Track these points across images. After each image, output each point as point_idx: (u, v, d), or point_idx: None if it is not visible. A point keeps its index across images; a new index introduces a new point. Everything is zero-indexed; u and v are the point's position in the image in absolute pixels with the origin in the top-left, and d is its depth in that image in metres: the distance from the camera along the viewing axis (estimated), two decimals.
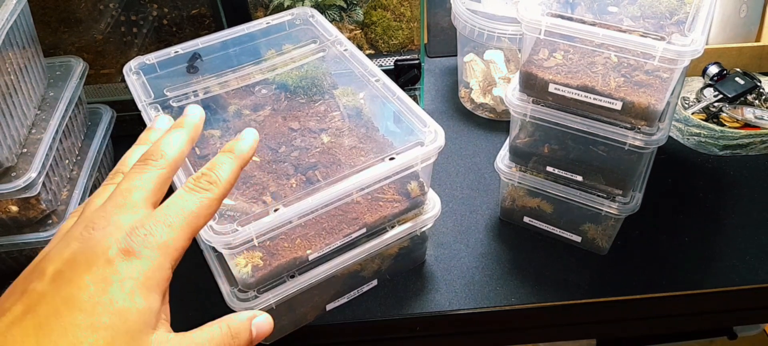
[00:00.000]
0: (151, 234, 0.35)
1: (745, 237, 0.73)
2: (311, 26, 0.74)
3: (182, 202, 0.37)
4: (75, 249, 0.35)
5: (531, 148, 0.68)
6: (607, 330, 0.82)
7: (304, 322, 0.66)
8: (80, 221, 0.37)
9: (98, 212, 0.37)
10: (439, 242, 0.74)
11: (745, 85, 0.87)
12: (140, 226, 0.35)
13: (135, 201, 0.37)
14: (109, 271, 0.33)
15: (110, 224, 0.35)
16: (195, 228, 0.37)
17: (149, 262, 0.35)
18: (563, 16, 0.59)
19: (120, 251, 0.34)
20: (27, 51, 0.72)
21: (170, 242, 0.36)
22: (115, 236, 0.35)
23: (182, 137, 0.41)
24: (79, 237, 0.35)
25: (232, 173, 0.40)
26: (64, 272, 0.34)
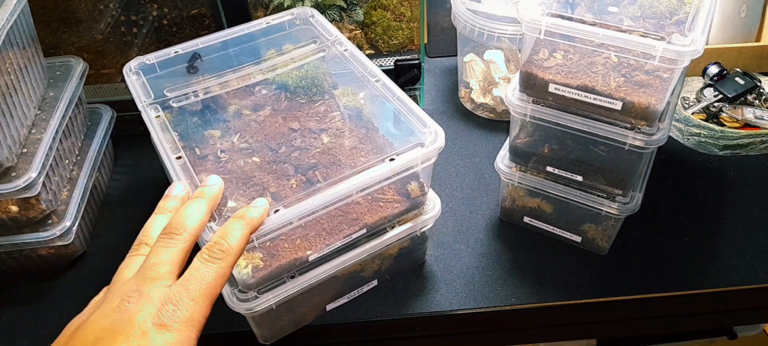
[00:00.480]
0: (179, 309, 0.40)
1: (745, 237, 0.73)
2: (311, 26, 0.74)
3: (200, 274, 0.43)
4: (114, 320, 0.39)
5: (531, 148, 0.68)
6: (607, 330, 0.82)
7: (304, 322, 0.66)
8: (115, 294, 0.41)
9: (130, 285, 0.42)
10: (439, 242, 0.74)
11: (745, 85, 0.87)
12: (169, 301, 0.40)
13: (163, 274, 0.42)
14: (145, 342, 0.38)
15: (143, 297, 0.40)
16: (214, 296, 0.43)
17: (179, 334, 0.40)
18: (563, 16, 0.59)
19: (154, 325, 0.39)
20: (27, 51, 0.72)
21: (195, 315, 0.41)
22: (149, 309, 0.40)
23: (202, 209, 0.47)
24: (116, 309, 0.40)
25: (242, 239, 0.46)
26: (105, 339, 0.38)
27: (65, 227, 0.70)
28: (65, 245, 0.71)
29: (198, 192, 0.49)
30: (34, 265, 0.73)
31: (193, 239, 0.45)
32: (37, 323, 0.68)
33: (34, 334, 0.67)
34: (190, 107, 0.65)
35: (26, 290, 0.72)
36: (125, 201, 0.84)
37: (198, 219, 0.46)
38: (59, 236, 0.69)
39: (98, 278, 0.71)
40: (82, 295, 0.70)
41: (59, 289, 0.72)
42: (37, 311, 0.70)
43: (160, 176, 0.82)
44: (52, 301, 0.71)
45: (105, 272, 0.72)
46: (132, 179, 0.87)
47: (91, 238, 0.78)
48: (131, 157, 0.90)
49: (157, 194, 0.51)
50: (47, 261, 0.73)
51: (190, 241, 0.45)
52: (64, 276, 0.74)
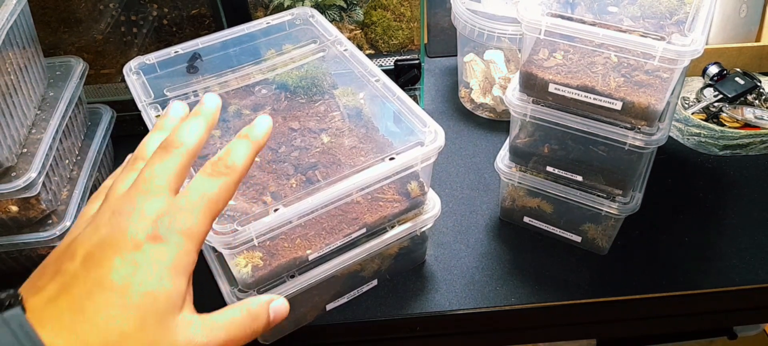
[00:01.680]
0: (176, 220, 0.37)
1: (745, 237, 0.73)
2: (311, 26, 0.74)
3: (202, 187, 0.39)
4: (104, 234, 0.36)
5: (531, 148, 0.68)
6: (607, 330, 0.82)
7: (304, 322, 0.66)
8: (106, 207, 0.38)
9: (124, 198, 0.38)
10: (439, 242, 0.74)
11: (745, 85, 0.87)
12: (165, 213, 0.37)
13: (158, 187, 0.39)
14: (138, 255, 0.35)
15: (136, 210, 0.37)
16: (215, 212, 0.39)
17: (176, 247, 0.36)
18: (563, 16, 0.59)
19: (148, 237, 0.36)
20: (27, 51, 0.72)
21: (194, 227, 0.38)
22: (143, 222, 0.36)
23: (200, 125, 0.43)
24: (107, 223, 0.37)
25: (247, 158, 0.42)
26: (95, 254, 0.35)
27: (65, 227, 0.70)
28: None
29: (195, 110, 0.45)
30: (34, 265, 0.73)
31: (192, 155, 0.42)
32: None
33: None
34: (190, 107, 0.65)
35: None
36: None
37: (197, 136, 0.43)
38: (59, 236, 0.69)
39: None
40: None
41: None
42: None
43: None
44: None
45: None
46: None
47: None
48: None
49: None
50: None
51: (188, 157, 0.41)
52: None
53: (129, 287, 0.34)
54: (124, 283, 0.34)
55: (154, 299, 0.35)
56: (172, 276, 0.36)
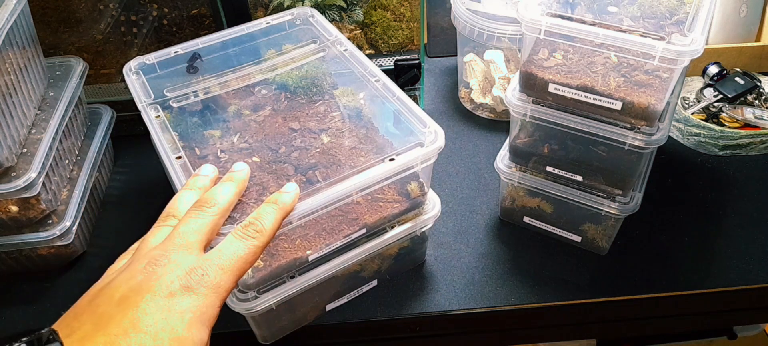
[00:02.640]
0: (207, 275, 0.41)
1: (745, 237, 0.73)
2: (311, 26, 0.74)
3: (233, 248, 0.43)
4: (140, 280, 0.39)
5: (531, 148, 0.68)
6: (607, 330, 0.82)
7: (304, 322, 0.66)
8: (141, 257, 0.42)
9: (159, 249, 0.42)
10: (439, 242, 0.74)
11: (745, 85, 0.87)
12: (198, 266, 0.41)
13: (192, 243, 0.43)
14: (171, 303, 0.38)
15: (170, 262, 0.41)
16: (242, 271, 0.43)
17: (204, 299, 0.40)
18: (563, 16, 0.59)
19: (181, 287, 0.39)
20: (27, 51, 0.72)
21: (222, 283, 0.41)
22: (176, 272, 0.40)
23: (231, 189, 0.49)
24: (142, 270, 0.40)
25: (275, 223, 0.47)
26: (130, 297, 0.38)
27: (65, 227, 0.70)
28: (65, 245, 0.71)
29: (228, 176, 0.51)
30: (34, 265, 0.73)
31: (223, 216, 0.46)
32: (37, 323, 0.68)
33: None
34: (190, 107, 0.65)
35: (26, 290, 0.72)
36: (125, 201, 0.84)
37: (228, 198, 0.48)
38: (59, 236, 0.69)
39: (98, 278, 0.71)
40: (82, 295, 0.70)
41: (59, 289, 0.72)
42: (37, 311, 0.70)
43: (160, 176, 0.82)
44: (52, 301, 0.71)
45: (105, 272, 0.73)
46: (132, 178, 0.87)
47: (91, 238, 0.78)
48: (131, 157, 0.90)
49: (157, 194, 0.51)
50: (47, 261, 0.73)
51: (220, 216, 0.46)
52: (64, 276, 0.74)
53: (161, 332, 0.37)
54: (157, 327, 0.37)
55: (183, 345, 0.38)
56: (199, 326, 0.39)
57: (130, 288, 0.39)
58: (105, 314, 0.38)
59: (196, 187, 0.50)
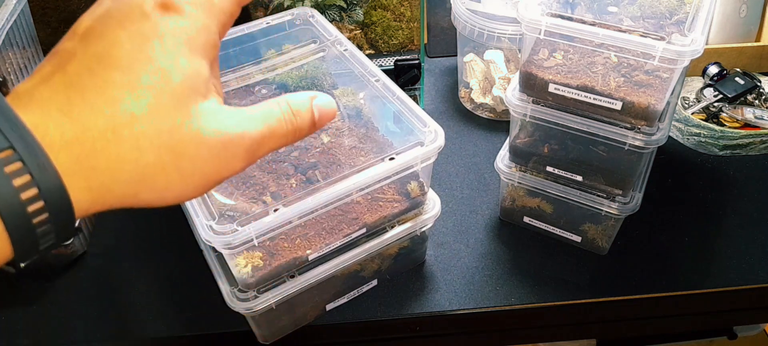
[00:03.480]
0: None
1: (745, 237, 0.73)
2: (311, 26, 0.74)
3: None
4: (108, 6, 0.30)
5: (531, 148, 0.68)
6: (607, 330, 0.82)
7: (304, 322, 0.66)
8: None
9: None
10: (439, 242, 0.74)
11: (745, 85, 0.87)
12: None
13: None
14: (146, 26, 0.29)
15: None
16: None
17: (191, 20, 0.30)
18: (563, 16, 0.59)
19: (157, 4, 0.29)
20: (27, 51, 0.72)
21: (215, 2, 0.31)
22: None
23: None
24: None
25: None
26: (95, 27, 0.29)
27: None
28: (65, 245, 0.71)
29: None
30: (34, 265, 0.73)
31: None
32: (37, 323, 0.68)
33: (34, 334, 0.67)
34: None
35: (26, 290, 0.72)
36: None
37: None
38: None
39: (98, 278, 0.71)
40: (82, 295, 0.70)
41: (59, 289, 0.72)
42: (37, 311, 0.70)
43: None
44: (52, 301, 0.71)
45: (105, 272, 0.73)
46: None
47: (91, 238, 0.78)
48: None
49: None
50: (47, 261, 0.73)
51: None
52: (64, 276, 0.74)
53: (136, 63, 0.28)
54: (131, 58, 0.28)
55: (168, 78, 0.29)
56: (188, 54, 0.30)
57: (95, 17, 0.30)
58: (66, 52, 0.29)
59: None
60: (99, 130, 0.27)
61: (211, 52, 0.31)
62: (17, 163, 0.24)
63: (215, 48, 0.31)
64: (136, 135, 0.28)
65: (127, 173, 0.28)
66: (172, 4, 0.30)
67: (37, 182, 0.25)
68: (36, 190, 0.25)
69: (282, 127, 0.32)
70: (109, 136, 0.27)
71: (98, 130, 0.27)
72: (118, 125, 0.27)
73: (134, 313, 0.69)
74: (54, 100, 0.27)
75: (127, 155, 0.27)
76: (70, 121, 0.27)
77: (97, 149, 0.27)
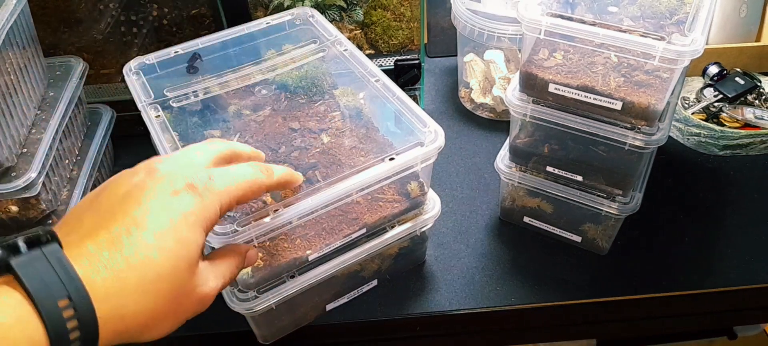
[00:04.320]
0: (213, 180, 0.40)
1: (745, 237, 0.73)
2: (311, 26, 0.74)
3: (242, 169, 0.43)
4: (144, 178, 0.38)
5: (531, 148, 0.68)
6: (607, 330, 0.82)
7: (304, 322, 0.66)
8: (146, 161, 0.41)
9: (166, 156, 0.42)
10: (439, 242, 0.74)
11: (745, 85, 0.87)
12: (204, 170, 0.40)
13: (207, 153, 0.43)
14: (175, 201, 0.37)
15: (176, 164, 0.40)
16: (244, 194, 0.42)
17: (207, 201, 0.39)
18: (563, 16, 0.59)
19: (186, 186, 0.38)
20: (27, 51, 0.72)
21: (226, 192, 0.40)
22: (181, 172, 0.39)
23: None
24: (145, 168, 0.39)
25: (283, 176, 0.47)
26: (134, 194, 0.37)
27: None
28: None
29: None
30: None
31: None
32: None
33: None
34: (190, 107, 0.65)
35: None
36: None
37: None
38: None
39: None
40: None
41: None
42: None
43: None
44: None
45: None
46: None
47: None
48: (131, 157, 0.90)
49: None
50: None
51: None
52: None
53: (164, 230, 0.36)
54: (161, 225, 0.36)
55: (187, 247, 0.37)
56: (200, 228, 0.38)
57: (133, 185, 0.38)
58: (107, 211, 0.36)
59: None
60: (133, 286, 0.34)
61: (211, 227, 0.40)
62: (71, 309, 0.32)
63: (214, 224, 0.40)
64: (158, 291, 0.35)
65: (143, 320, 0.35)
66: (196, 188, 0.38)
67: (81, 325, 0.32)
68: (79, 332, 0.32)
69: (232, 278, 0.44)
70: (139, 292, 0.34)
71: (133, 286, 0.34)
72: (147, 283, 0.35)
73: None
74: (100, 256, 0.34)
75: (149, 306, 0.35)
76: (112, 275, 0.34)
77: (129, 302, 0.34)
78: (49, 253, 0.33)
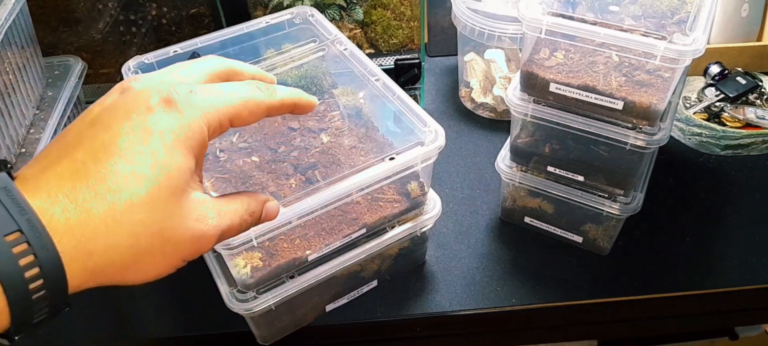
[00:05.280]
0: (196, 94, 0.34)
1: (746, 237, 0.73)
2: (311, 25, 0.74)
3: (235, 86, 0.37)
4: (115, 99, 0.33)
5: (532, 148, 0.68)
6: (609, 331, 0.81)
7: (303, 323, 0.66)
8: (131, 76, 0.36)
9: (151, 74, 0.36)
10: (439, 242, 0.74)
11: (746, 85, 0.87)
12: (184, 86, 0.34)
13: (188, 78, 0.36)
14: (150, 120, 0.32)
15: (154, 80, 0.35)
16: (237, 111, 0.36)
17: (189, 118, 0.33)
18: (564, 15, 0.59)
19: (161, 100, 0.33)
20: (26, 50, 0.72)
21: (212, 108, 0.34)
22: (158, 87, 0.33)
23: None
24: (119, 89, 0.34)
25: (286, 96, 0.39)
26: (103, 117, 0.32)
27: None
28: None
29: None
30: None
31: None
32: None
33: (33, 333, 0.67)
34: None
35: None
36: None
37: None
38: None
39: None
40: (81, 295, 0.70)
41: None
42: None
43: None
44: None
45: None
46: None
47: None
48: None
49: None
50: None
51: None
52: None
53: (139, 155, 0.31)
54: (134, 149, 0.31)
55: (167, 171, 0.32)
56: (183, 150, 0.33)
57: (103, 108, 0.33)
58: (73, 140, 0.32)
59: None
60: (100, 216, 0.30)
61: (200, 150, 0.34)
62: (24, 244, 0.27)
63: (203, 147, 0.34)
64: (133, 222, 0.31)
65: (121, 257, 0.31)
66: (175, 103, 0.33)
67: (39, 262, 0.28)
68: (37, 269, 0.28)
69: (239, 225, 0.37)
70: (109, 223, 0.30)
71: (99, 217, 0.30)
72: (118, 212, 0.30)
73: (134, 313, 0.68)
74: (61, 186, 0.30)
75: (123, 241, 0.30)
76: (74, 206, 0.29)
77: (98, 235, 0.30)
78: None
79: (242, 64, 0.41)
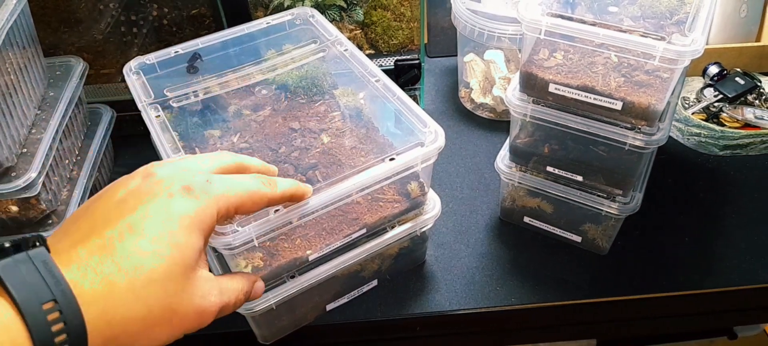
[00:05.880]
0: (211, 183, 0.39)
1: (745, 237, 0.73)
2: (311, 26, 0.74)
3: (243, 179, 0.42)
4: (139, 184, 0.38)
5: (531, 148, 0.68)
6: (608, 330, 0.81)
7: (304, 322, 0.66)
8: (143, 168, 0.40)
9: (168, 161, 0.41)
10: (439, 242, 0.74)
11: (745, 85, 0.87)
12: (202, 175, 0.39)
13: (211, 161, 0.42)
14: (171, 205, 0.36)
15: (174, 168, 0.39)
16: (243, 202, 0.41)
17: (204, 204, 0.38)
18: (563, 16, 0.59)
19: (181, 188, 0.37)
20: (27, 51, 0.72)
21: (224, 196, 0.39)
22: (178, 175, 0.38)
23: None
24: (142, 173, 0.39)
25: (288, 190, 0.46)
26: (129, 200, 0.37)
27: None
28: None
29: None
30: None
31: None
32: None
33: None
34: (190, 107, 0.65)
35: None
36: None
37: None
38: None
39: None
40: None
41: None
42: None
43: None
44: None
45: None
46: None
47: None
48: (131, 157, 0.90)
49: None
50: None
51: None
52: None
53: (160, 235, 0.35)
54: (156, 230, 0.35)
55: (183, 251, 0.36)
56: (197, 232, 0.37)
57: (129, 190, 0.37)
58: (102, 217, 0.36)
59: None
60: (121, 290, 0.33)
61: (209, 233, 0.39)
62: (56, 312, 0.31)
63: (212, 230, 0.39)
64: (150, 295, 0.34)
65: (135, 327, 0.34)
66: (193, 190, 0.38)
67: (67, 329, 0.32)
68: (65, 335, 0.32)
69: (237, 303, 0.43)
70: (129, 297, 0.34)
71: (121, 291, 0.33)
72: (138, 288, 0.34)
73: None
74: (89, 261, 0.34)
75: (138, 313, 0.34)
76: (101, 279, 0.33)
77: (118, 306, 0.33)
78: (35, 256, 0.33)
79: (250, 159, 0.46)
